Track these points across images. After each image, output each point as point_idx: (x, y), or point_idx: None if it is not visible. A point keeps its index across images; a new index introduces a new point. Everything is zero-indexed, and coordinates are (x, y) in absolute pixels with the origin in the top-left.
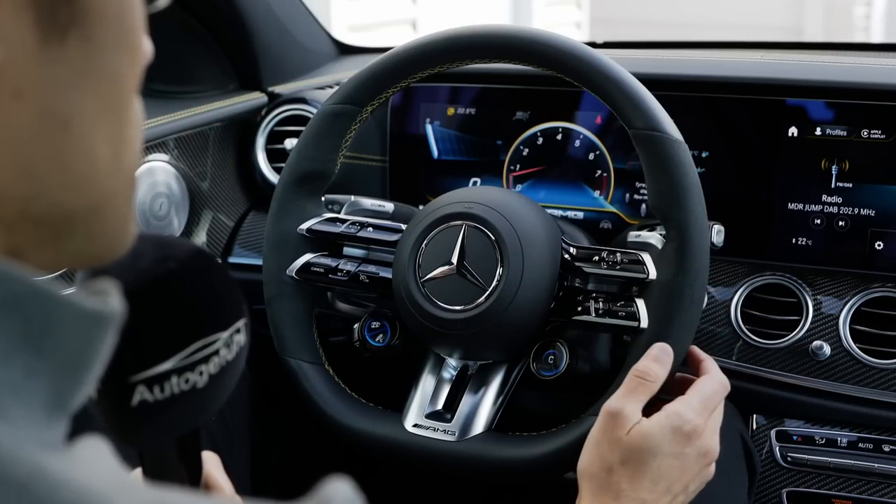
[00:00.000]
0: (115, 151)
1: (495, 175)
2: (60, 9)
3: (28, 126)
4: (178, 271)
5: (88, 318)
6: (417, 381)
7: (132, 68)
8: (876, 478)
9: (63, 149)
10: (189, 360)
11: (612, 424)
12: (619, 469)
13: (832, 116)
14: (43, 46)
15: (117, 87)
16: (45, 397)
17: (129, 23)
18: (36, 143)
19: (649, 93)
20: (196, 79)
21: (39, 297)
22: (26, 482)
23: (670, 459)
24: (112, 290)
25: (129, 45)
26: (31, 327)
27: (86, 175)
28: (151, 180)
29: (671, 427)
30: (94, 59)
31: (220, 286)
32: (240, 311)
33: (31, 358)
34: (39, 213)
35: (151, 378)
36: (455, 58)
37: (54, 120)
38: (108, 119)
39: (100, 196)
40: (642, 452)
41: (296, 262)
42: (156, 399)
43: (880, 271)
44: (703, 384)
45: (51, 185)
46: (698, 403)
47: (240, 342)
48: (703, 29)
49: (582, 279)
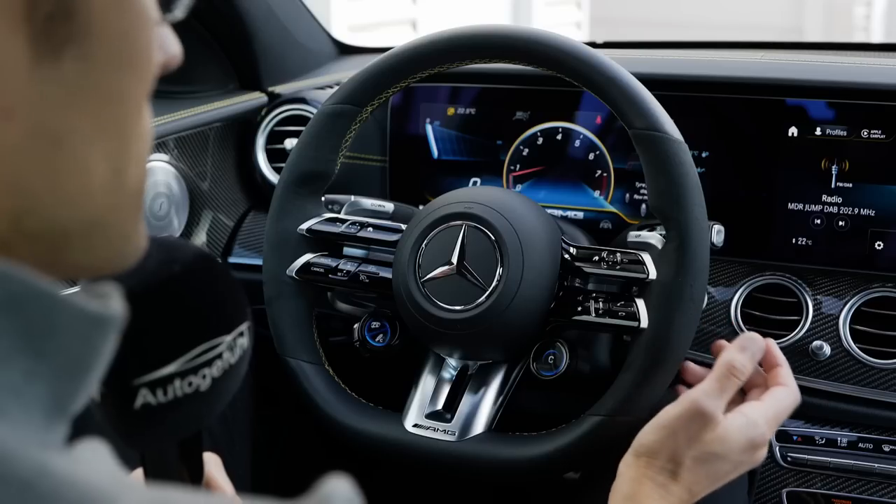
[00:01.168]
0: (116, 167)
1: (495, 175)
2: (57, 27)
3: (18, 144)
4: (182, 274)
5: (90, 320)
6: (417, 381)
7: (138, 85)
8: (876, 478)
9: (55, 166)
10: (192, 364)
11: (699, 422)
12: (688, 463)
13: (832, 116)
14: (36, 65)
15: (119, 105)
16: (45, 401)
17: (134, 40)
18: (26, 160)
19: (649, 93)
20: (196, 79)
21: (40, 299)
22: (30, 481)
23: (733, 464)
24: (114, 293)
25: (135, 63)
26: (31, 329)
27: (80, 191)
28: (151, 180)
29: (747, 437)
30: (92, 78)
31: (223, 289)
32: (243, 315)
33: (32, 361)
34: (32, 229)
35: (155, 381)
36: (455, 58)
37: (46, 138)
38: (106, 136)
39: (97, 211)
40: (716, 456)
41: (296, 262)
42: (159, 402)
43: (880, 271)
44: (782, 396)
45: (43, 201)
46: (773, 416)
47: (243, 346)
48: (703, 29)
49: (582, 279)
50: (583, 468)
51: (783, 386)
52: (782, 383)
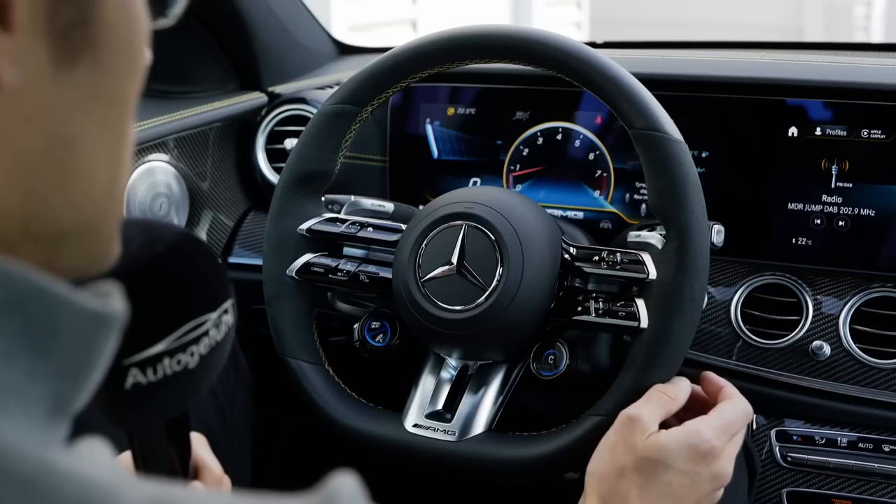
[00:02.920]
0: (113, 172)
1: (495, 175)
2: (74, 33)
3: (35, 149)
4: (166, 254)
5: (91, 319)
6: (417, 381)
7: (133, 89)
8: (876, 478)
9: (66, 170)
10: (181, 342)
11: (630, 429)
12: (630, 475)
13: (832, 116)
14: (55, 71)
15: (120, 109)
16: (47, 399)
17: (136, 46)
18: (41, 165)
19: (649, 93)
20: (196, 79)
21: (42, 297)
22: (32, 476)
23: (682, 476)
24: (114, 292)
25: (133, 68)
26: (32, 328)
27: (85, 195)
28: (151, 180)
29: (688, 444)
30: (102, 82)
31: (207, 267)
32: (227, 292)
33: (33, 360)
34: (38, 232)
35: (144, 361)
36: (455, 58)
37: (60, 143)
38: (109, 140)
39: (95, 214)
40: (656, 463)
41: (296, 262)
42: (149, 381)
43: (880, 271)
44: (726, 408)
45: (51, 205)
46: (719, 426)
47: (228, 322)
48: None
49: (582, 279)
50: (583, 468)
51: (728, 399)
52: (727, 398)
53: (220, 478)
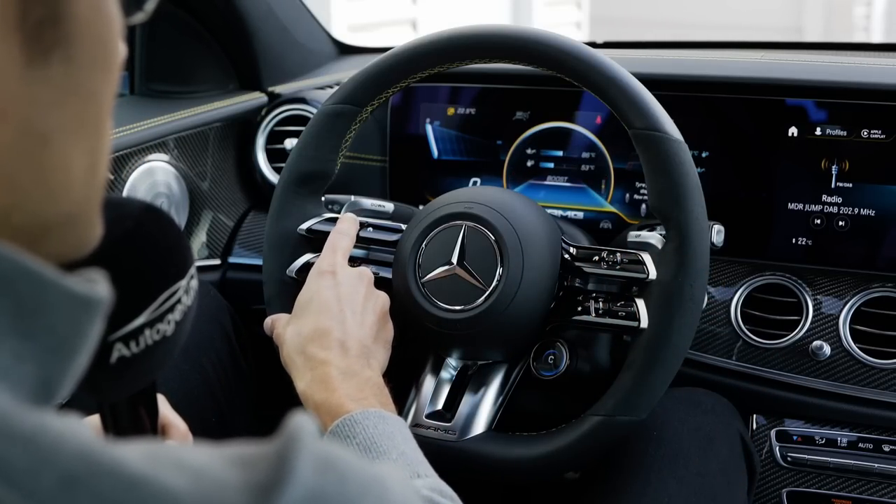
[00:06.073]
0: (91, 163)
1: (495, 175)
2: (46, 31)
3: (9, 143)
4: (136, 229)
5: (77, 301)
6: (417, 381)
7: (109, 84)
8: (876, 478)
9: (43, 163)
10: (159, 312)
11: None
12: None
13: (832, 116)
14: (27, 68)
15: (95, 103)
16: (33, 382)
17: (109, 42)
18: (17, 158)
19: (649, 93)
20: (196, 79)
21: (29, 278)
22: (31, 436)
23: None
24: (100, 278)
25: (108, 63)
26: (20, 309)
27: (63, 186)
28: (151, 180)
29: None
30: (75, 79)
31: (173, 237)
32: (191, 257)
33: (20, 341)
34: (19, 223)
35: (128, 334)
36: (455, 58)
37: (35, 137)
38: (85, 133)
39: (75, 204)
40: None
41: (296, 262)
42: (132, 353)
43: (880, 271)
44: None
45: (30, 196)
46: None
47: (195, 287)
48: (703, 29)
49: (582, 279)
50: (583, 468)
51: None
52: None
53: (186, 434)
